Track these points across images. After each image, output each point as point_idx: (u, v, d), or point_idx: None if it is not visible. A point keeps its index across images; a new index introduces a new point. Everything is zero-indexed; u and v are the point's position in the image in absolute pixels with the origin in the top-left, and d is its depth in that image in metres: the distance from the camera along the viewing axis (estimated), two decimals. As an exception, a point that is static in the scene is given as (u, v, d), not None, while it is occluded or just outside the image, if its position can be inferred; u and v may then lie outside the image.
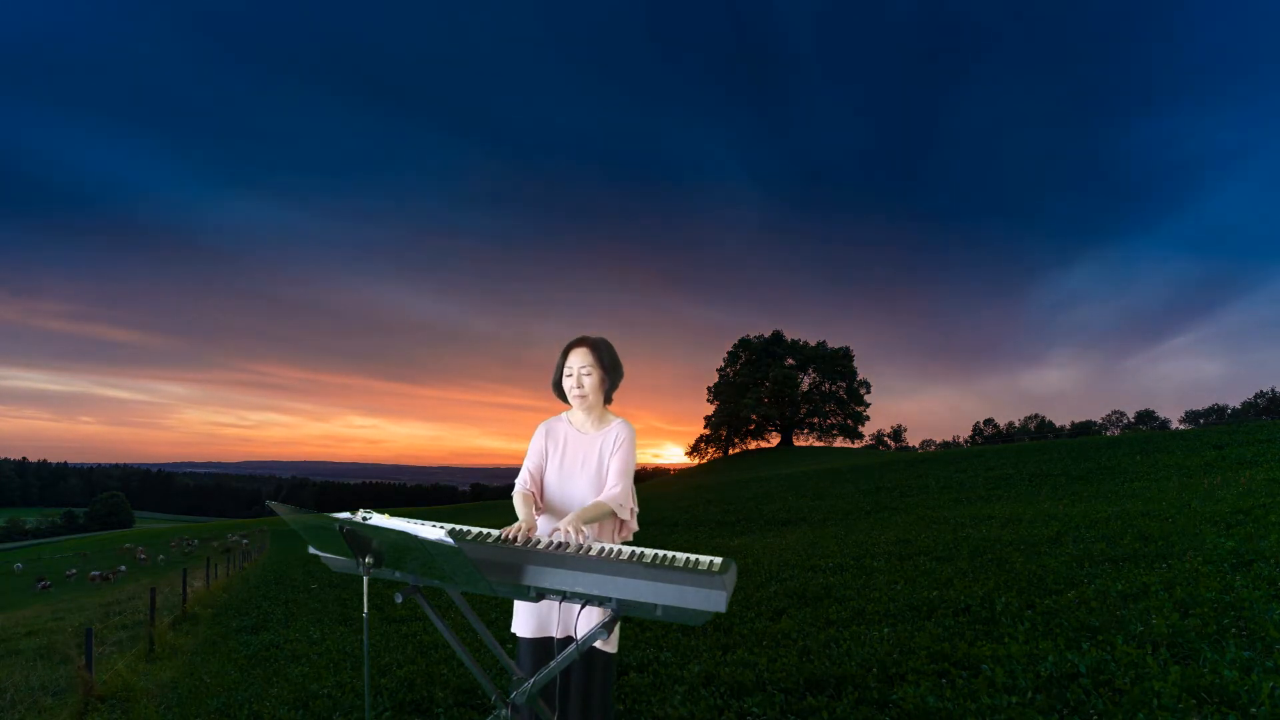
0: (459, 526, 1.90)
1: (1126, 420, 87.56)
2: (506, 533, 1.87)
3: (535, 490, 2.19)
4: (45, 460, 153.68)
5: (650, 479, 61.76)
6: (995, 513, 9.37)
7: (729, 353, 72.10)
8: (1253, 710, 2.43)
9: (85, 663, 4.80)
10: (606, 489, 2.12)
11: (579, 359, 2.18)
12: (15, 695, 5.22)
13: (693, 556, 1.64)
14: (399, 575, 1.77)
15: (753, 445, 69.93)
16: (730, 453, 68.75)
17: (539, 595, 1.73)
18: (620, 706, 3.24)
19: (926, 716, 2.77)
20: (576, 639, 1.77)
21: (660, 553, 1.67)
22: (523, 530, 1.89)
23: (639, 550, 1.70)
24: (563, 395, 2.24)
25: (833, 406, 69.09)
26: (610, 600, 1.63)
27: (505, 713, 1.72)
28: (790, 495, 17.89)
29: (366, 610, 1.80)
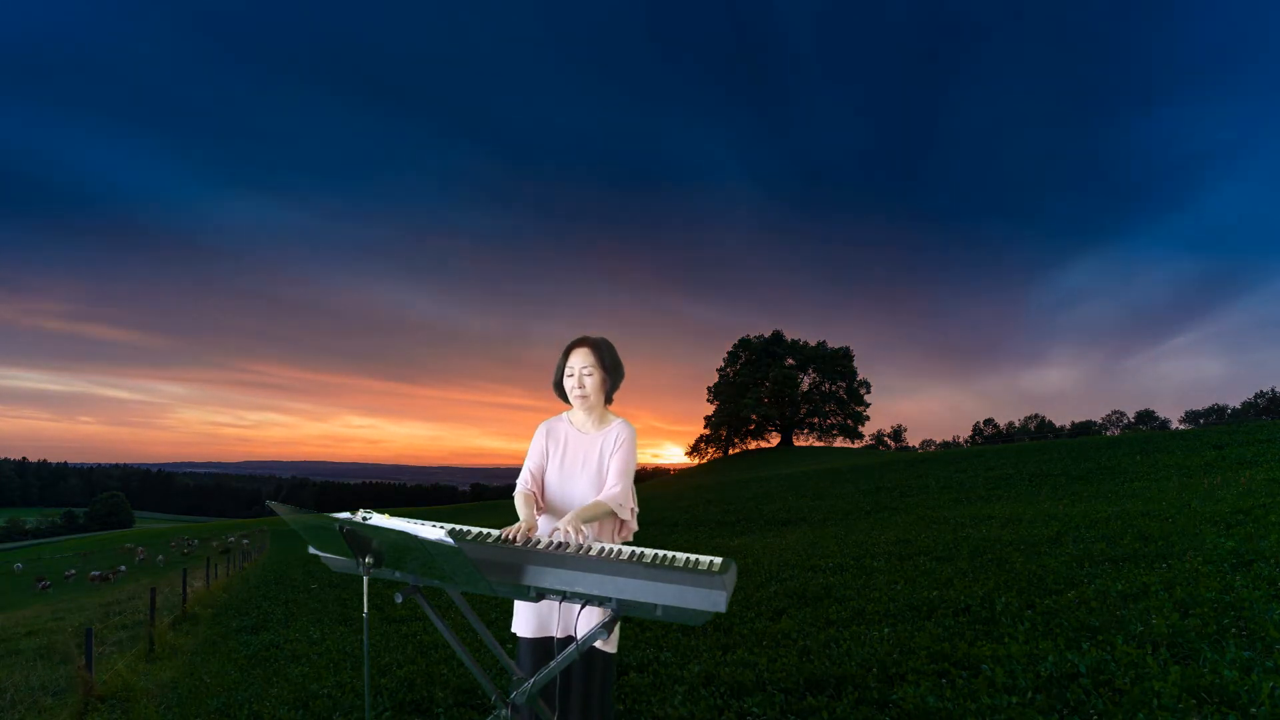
0: (459, 526, 1.90)
1: (1126, 420, 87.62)
2: (506, 533, 1.87)
3: (536, 490, 2.19)
4: (45, 460, 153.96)
5: (650, 479, 61.79)
6: (995, 513, 9.37)
7: (729, 353, 72.18)
8: (1253, 710, 2.43)
9: (85, 663, 4.80)
10: (606, 488, 2.12)
11: (580, 359, 2.18)
12: (15, 695, 5.22)
13: (693, 556, 1.64)
14: (399, 575, 1.77)
15: (753, 445, 69.96)
16: (730, 453, 68.77)
17: (539, 595, 1.73)
18: (620, 706, 3.24)
19: (926, 716, 2.77)
20: (577, 639, 1.77)
21: (660, 553, 1.67)
22: (523, 530, 1.89)
23: (639, 550, 1.70)
24: (564, 395, 2.24)
25: (833, 406, 69.12)
26: (610, 600, 1.63)
27: (505, 713, 1.72)
28: (790, 495, 17.89)
29: (366, 610, 1.80)
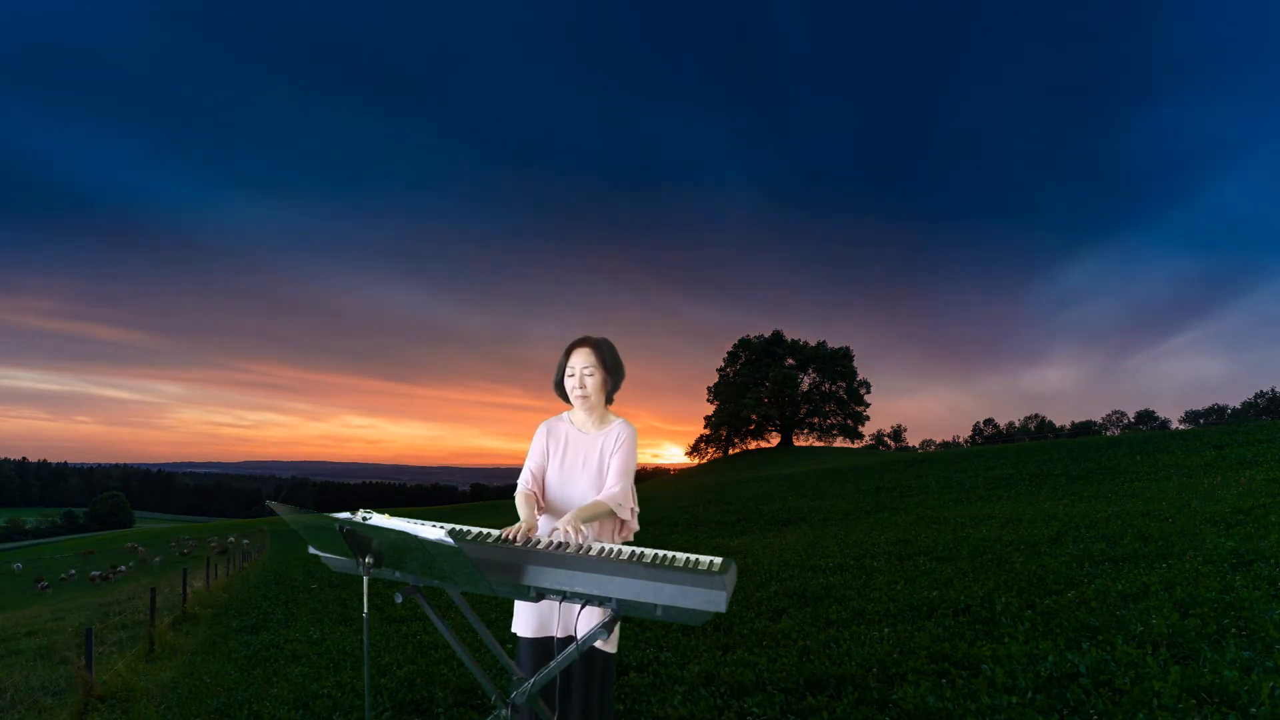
0: (459, 526, 1.90)
1: (1126, 420, 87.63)
2: (507, 533, 1.87)
3: (537, 490, 2.19)
4: (45, 460, 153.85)
5: (650, 479, 61.77)
6: (995, 513, 9.37)
7: (729, 353, 72.18)
8: (1253, 710, 2.43)
9: (85, 663, 4.80)
10: (606, 488, 2.12)
11: (581, 359, 2.17)
12: (15, 695, 5.22)
13: (693, 556, 1.64)
14: (399, 575, 1.77)
15: (753, 445, 69.96)
16: (730, 453, 68.78)
17: (539, 595, 1.73)
18: (620, 706, 3.24)
19: (926, 716, 2.77)
20: (577, 639, 1.77)
21: (660, 553, 1.67)
22: (523, 530, 1.89)
23: (639, 550, 1.70)
24: (564, 395, 2.24)
25: (833, 406, 69.11)
26: (610, 600, 1.63)
27: (505, 713, 1.72)
28: (790, 495, 17.89)
29: (366, 610, 1.80)
